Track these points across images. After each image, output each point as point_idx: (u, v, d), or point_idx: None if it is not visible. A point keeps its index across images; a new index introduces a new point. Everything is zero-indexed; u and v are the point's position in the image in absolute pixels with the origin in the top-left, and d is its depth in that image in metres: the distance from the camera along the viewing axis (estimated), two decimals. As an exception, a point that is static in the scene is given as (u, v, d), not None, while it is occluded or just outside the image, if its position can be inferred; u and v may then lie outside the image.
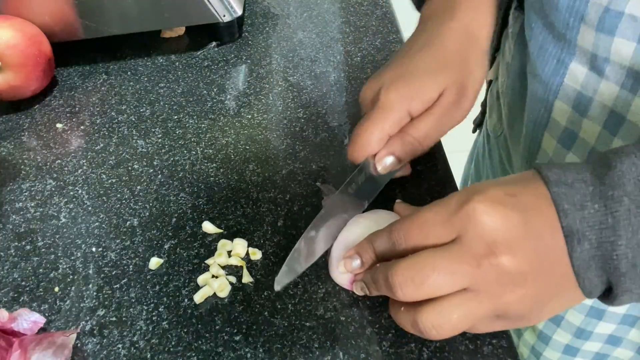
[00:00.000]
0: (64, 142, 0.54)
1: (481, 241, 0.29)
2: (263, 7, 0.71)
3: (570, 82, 0.42)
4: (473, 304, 0.30)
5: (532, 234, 0.29)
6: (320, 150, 0.51)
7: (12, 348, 0.36)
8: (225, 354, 0.37)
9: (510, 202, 0.29)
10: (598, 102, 0.41)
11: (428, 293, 0.30)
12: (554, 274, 0.29)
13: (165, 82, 0.60)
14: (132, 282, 0.42)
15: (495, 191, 0.30)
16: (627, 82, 0.38)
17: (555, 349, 0.57)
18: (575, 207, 0.28)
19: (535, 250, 0.29)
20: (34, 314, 0.39)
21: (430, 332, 0.30)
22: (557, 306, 0.31)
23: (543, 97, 0.45)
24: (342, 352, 0.37)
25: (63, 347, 0.37)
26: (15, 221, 0.47)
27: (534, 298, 0.30)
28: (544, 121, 0.46)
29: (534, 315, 0.31)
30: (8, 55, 0.54)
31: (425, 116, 0.41)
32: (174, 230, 0.45)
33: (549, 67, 0.43)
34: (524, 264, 0.29)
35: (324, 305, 0.39)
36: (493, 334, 0.37)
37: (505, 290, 0.29)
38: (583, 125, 0.43)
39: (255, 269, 0.42)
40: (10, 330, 0.38)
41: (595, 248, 0.28)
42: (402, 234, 0.32)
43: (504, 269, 0.29)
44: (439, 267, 0.29)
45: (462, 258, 0.29)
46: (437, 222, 0.31)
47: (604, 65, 0.39)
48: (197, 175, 0.50)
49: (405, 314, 0.31)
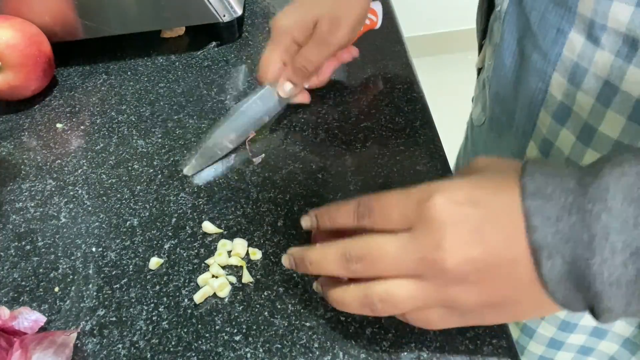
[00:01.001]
0: (64, 142, 0.54)
1: (429, 237, 0.30)
2: (263, 7, 0.71)
3: (568, 53, 0.43)
4: (418, 289, 0.31)
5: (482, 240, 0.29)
6: (320, 150, 0.51)
7: (13, 348, 0.36)
8: (225, 354, 0.37)
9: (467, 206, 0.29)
10: (592, 74, 0.42)
11: (377, 272, 0.31)
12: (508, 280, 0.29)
13: (165, 82, 0.60)
14: (132, 282, 0.42)
15: (460, 192, 0.30)
16: (622, 50, 0.39)
17: (539, 342, 0.57)
18: (549, 221, 0.27)
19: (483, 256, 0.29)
20: (35, 312, 0.39)
21: (377, 305, 0.32)
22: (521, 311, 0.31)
23: (541, 69, 0.46)
24: (342, 352, 0.37)
25: (64, 346, 0.37)
26: (15, 221, 0.47)
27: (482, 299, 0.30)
28: (540, 96, 0.47)
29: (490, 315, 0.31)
30: (8, 55, 0.54)
31: (307, 44, 0.49)
32: (174, 230, 0.45)
33: (549, 37, 0.44)
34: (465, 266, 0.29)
35: (324, 305, 0.39)
36: (493, 334, 0.37)
37: (448, 286, 0.30)
38: (577, 98, 0.44)
39: (255, 269, 0.42)
40: (11, 328, 0.38)
41: (568, 263, 0.27)
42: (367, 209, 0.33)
43: (444, 267, 0.29)
44: (389, 251, 0.31)
45: (409, 249, 0.30)
46: (397, 209, 0.31)
47: (601, 33, 0.40)
48: (197, 175, 0.50)
49: (355, 289, 0.33)
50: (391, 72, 0.59)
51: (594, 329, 0.53)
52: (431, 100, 0.57)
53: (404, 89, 0.57)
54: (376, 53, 0.62)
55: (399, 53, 0.61)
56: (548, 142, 0.49)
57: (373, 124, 0.53)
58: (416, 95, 0.56)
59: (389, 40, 0.63)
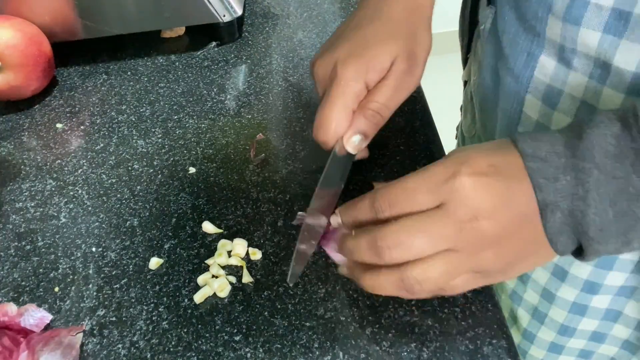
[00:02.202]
0: (64, 142, 0.54)
1: (466, 209, 0.31)
2: (263, 7, 0.71)
3: (540, 75, 0.43)
4: (455, 261, 0.32)
5: (511, 203, 0.31)
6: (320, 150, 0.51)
7: (20, 348, 0.36)
8: (225, 354, 0.37)
9: (493, 172, 0.31)
10: (568, 94, 0.42)
11: (415, 254, 0.32)
12: (528, 237, 0.32)
13: (165, 82, 0.60)
14: (132, 282, 0.42)
15: (481, 161, 0.32)
16: (594, 73, 0.39)
17: (540, 347, 0.57)
18: (548, 181, 0.30)
19: (514, 217, 0.31)
20: (41, 310, 0.39)
21: (414, 287, 0.32)
22: (531, 263, 0.34)
23: (515, 91, 0.46)
24: (342, 352, 0.37)
25: (70, 347, 0.37)
26: (15, 221, 0.47)
27: (508, 256, 0.32)
28: (516, 116, 0.47)
29: (509, 271, 0.34)
30: (8, 55, 0.54)
31: (380, 86, 0.41)
32: (174, 230, 0.45)
33: (520, 60, 0.44)
34: (501, 229, 0.31)
35: (324, 305, 0.39)
36: (493, 334, 0.37)
37: (482, 250, 0.32)
38: (553, 118, 0.44)
39: (255, 269, 0.42)
40: (17, 325, 0.38)
41: (566, 216, 0.30)
42: (386, 200, 0.33)
43: (483, 233, 0.31)
44: (426, 231, 0.31)
45: (447, 223, 0.31)
46: (423, 190, 0.32)
47: (572, 56, 0.40)
48: (197, 175, 0.50)
49: (388, 274, 0.33)
50: (391, 72, 0.59)
51: (593, 333, 0.53)
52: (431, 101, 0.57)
53: (404, 89, 0.56)
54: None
55: (399, 53, 0.61)
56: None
57: (373, 124, 0.53)
58: (416, 95, 0.56)
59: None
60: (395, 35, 0.41)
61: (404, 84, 0.42)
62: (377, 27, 0.42)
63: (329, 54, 0.42)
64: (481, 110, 0.56)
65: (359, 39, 0.41)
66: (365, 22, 0.43)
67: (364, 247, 0.33)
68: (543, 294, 0.53)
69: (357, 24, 0.43)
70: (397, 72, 0.41)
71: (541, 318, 0.55)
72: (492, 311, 0.38)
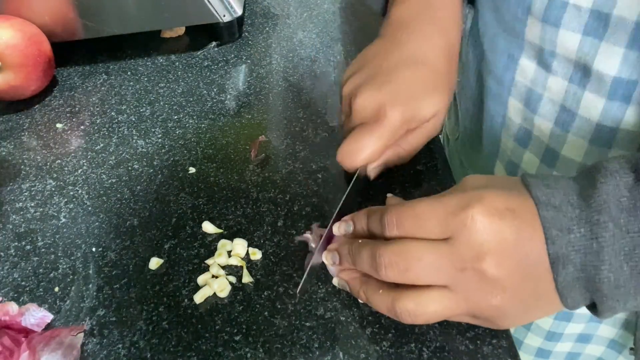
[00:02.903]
0: (64, 142, 0.54)
1: (472, 248, 0.30)
2: (263, 7, 0.71)
3: (520, 78, 0.43)
4: (450, 302, 0.31)
5: (520, 251, 0.30)
6: (320, 150, 0.51)
7: (21, 348, 0.36)
8: (225, 354, 0.37)
9: (508, 215, 0.30)
10: (548, 99, 0.42)
11: (410, 280, 0.31)
12: (535, 289, 0.30)
13: (165, 82, 0.60)
14: (132, 282, 0.42)
15: (496, 203, 0.30)
16: (574, 76, 0.39)
17: (527, 352, 0.57)
18: (562, 232, 0.29)
19: (521, 266, 0.30)
20: (42, 310, 0.39)
21: (406, 317, 0.32)
22: (534, 316, 0.33)
23: (497, 93, 0.46)
24: (342, 352, 0.37)
25: (71, 347, 0.37)
26: (15, 221, 0.47)
27: (509, 308, 0.31)
28: (500, 119, 0.47)
29: (507, 323, 0.32)
30: (8, 55, 0.54)
31: (416, 133, 0.42)
32: (174, 230, 0.45)
33: (501, 62, 0.44)
34: (506, 277, 0.30)
35: (324, 305, 0.39)
36: (493, 334, 0.37)
37: (482, 297, 0.30)
38: (535, 122, 0.44)
39: (255, 269, 0.42)
40: (18, 324, 0.38)
41: (579, 270, 0.29)
42: (394, 219, 0.33)
43: (486, 277, 0.30)
44: (426, 260, 0.30)
45: (450, 258, 0.30)
46: (433, 218, 0.31)
47: (551, 59, 0.40)
48: (197, 175, 0.50)
49: (384, 296, 0.33)
50: (391, 72, 0.59)
51: (579, 335, 0.53)
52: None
53: (404, 89, 0.56)
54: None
55: (399, 53, 0.61)
56: (513, 164, 0.49)
57: (373, 124, 0.53)
58: (416, 95, 0.56)
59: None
60: (439, 88, 0.42)
61: (434, 134, 0.44)
62: (424, 76, 0.42)
63: (375, 91, 0.41)
64: (466, 112, 0.56)
65: (407, 85, 0.41)
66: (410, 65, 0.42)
67: (365, 256, 0.33)
68: None
69: (400, 65, 0.42)
70: (434, 124, 0.42)
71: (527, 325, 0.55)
72: (492, 311, 0.38)
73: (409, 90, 0.41)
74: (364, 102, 0.41)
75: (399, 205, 0.33)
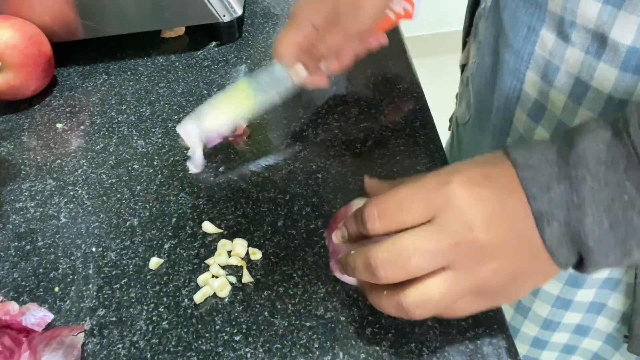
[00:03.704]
0: (64, 142, 0.54)
1: (459, 220, 0.30)
2: (263, 7, 0.71)
3: (540, 50, 0.44)
4: (452, 282, 0.31)
5: (506, 213, 0.30)
6: (320, 150, 0.51)
7: (22, 348, 0.36)
8: (225, 354, 0.37)
9: (486, 183, 0.31)
10: (564, 71, 0.42)
11: (410, 274, 0.31)
12: (527, 250, 0.31)
13: (165, 82, 0.60)
14: (132, 282, 0.42)
15: (472, 172, 0.31)
16: (591, 47, 0.39)
17: (524, 342, 0.57)
18: (542, 190, 0.29)
19: (510, 228, 0.30)
20: (42, 309, 0.39)
21: (415, 311, 0.32)
22: (535, 280, 0.33)
23: (515, 67, 0.46)
24: (342, 352, 0.37)
25: (72, 347, 0.37)
26: (15, 221, 0.47)
27: (509, 272, 0.31)
28: (515, 94, 0.47)
29: (513, 290, 0.33)
30: (8, 55, 0.54)
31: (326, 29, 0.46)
32: (174, 230, 0.45)
33: (520, 35, 0.45)
34: (498, 240, 0.30)
35: (324, 305, 0.39)
36: (493, 334, 0.37)
37: (481, 265, 0.31)
38: (550, 95, 0.44)
39: (255, 269, 0.42)
40: (18, 324, 0.38)
41: (563, 226, 0.29)
42: (375, 210, 0.32)
43: (480, 245, 0.30)
44: (420, 249, 0.30)
45: (441, 237, 0.30)
46: (415, 200, 0.31)
47: (571, 30, 0.40)
48: (197, 175, 0.50)
49: (389, 298, 0.33)
50: (391, 72, 0.59)
51: (576, 326, 0.53)
52: (431, 100, 0.57)
53: (404, 89, 0.57)
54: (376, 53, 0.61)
55: (399, 53, 0.61)
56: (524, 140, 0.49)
57: (373, 124, 0.53)
58: (416, 95, 0.56)
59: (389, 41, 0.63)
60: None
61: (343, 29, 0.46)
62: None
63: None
64: (478, 93, 0.56)
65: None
66: None
67: (360, 267, 0.33)
68: None
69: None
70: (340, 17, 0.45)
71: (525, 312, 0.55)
72: (492, 311, 0.38)
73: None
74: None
75: (379, 196, 0.33)
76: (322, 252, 0.42)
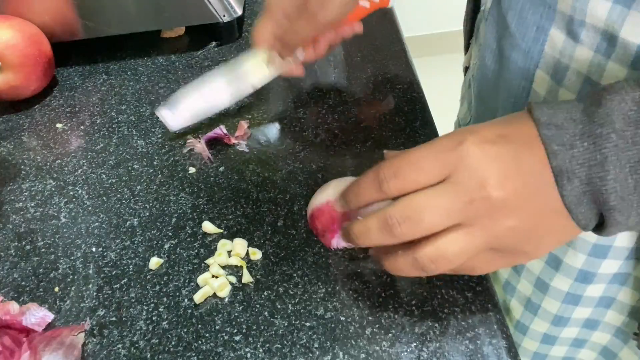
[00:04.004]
0: (64, 142, 0.54)
1: (473, 178, 0.30)
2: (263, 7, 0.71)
3: (549, 50, 0.44)
4: (467, 237, 0.31)
5: (522, 171, 0.30)
6: (320, 150, 0.51)
7: (22, 348, 0.36)
8: (225, 354, 0.37)
9: (501, 141, 0.31)
10: (573, 70, 0.42)
11: (425, 230, 0.31)
12: (545, 208, 0.31)
13: (165, 82, 0.60)
14: (132, 282, 0.42)
15: (488, 132, 0.31)
16: (601, 46, 0.39)
17: (533, 338, 0.57)
18: (564, 147, 0.29)
19: (525, 186, 0.30)
20: (43, 309, 0.39)
21: (430, 266, 0.32)
22: (555, 239, 0.33)
23: (524, 67, 0.46)
24: (342, 352, 0.37)
25: (72, 347, 0.37)
26: (15, 221, 0.47)
27: (525, 230, 0.31)
28: (524, 94, 0.47)
29: (531, 248, 0.33)
30: (8, 55, 0.54)
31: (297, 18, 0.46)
32: (174, 230, 0.45)
33: (529, 35, 0.45)
34: (513, 198, 0.30)
35: (324, 305, 0.39)
36: (493, 334, 0.37)
37: (496, 222, 0.31)
38: (560, 94, 0.44)
39: (255, 269, 0.42)
40: (18, 324, 0.38)
41: (585, 184, 0.29)
42: (391, 170, 0.33)
43: (494, 202, 0.30)
44: (435, 205, 0.31)
45: (455, 195, 0.31)
46: (430, 159, 0.32)
47: (580, 29, 0.40)
48: (197, 175, 0.50)
49: (404, 256, 0.33)
50: (391, 72, 0.59)
51: (586, 320, 0.53)
52: (431, 101, 0.57)
53: (404, 89, 0.57)
54: (376, 53, 0.62)
55: (399, 53, 0.61)
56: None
57: (373, 124, 0.53)
58: (416, 95, 0.56)
59: (389, 40, 0.63)
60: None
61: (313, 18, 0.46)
62: None
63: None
64: (479, 95, 0.56)
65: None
66: None
67: (375, 227, 0.33)
68: (537, 284, 0.53)
69: None
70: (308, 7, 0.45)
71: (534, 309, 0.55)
72: (492, 311, 0.38)
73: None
74: None
75: (393, 157, 0.33)
76: (322, 252, 0.42)
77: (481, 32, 0.55)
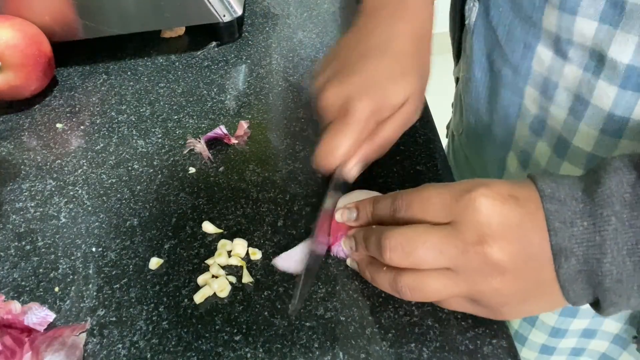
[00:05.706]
0: (64, 142, 0.54)
1: (475, 230, 0.30)
2: (263, 7, 0.71)
3: (537, 67, 0.43)
4: (450, 282, 0.31)
5: (523, 237, 0.30)
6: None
7: (24, 348, 0.36)
8: (225, 354, 0.37)
9: (511, 203, 0.31)
10: (563, 87, 0.42)
11: (413, 263, 0.32)
12: (536, 278, 0.30)
13: (165, 82, 0.60)
14: (132, 282, 0.42)
15: (501, 189, 0.31)
16: (589, 65, 0.39)
17: (531, 349, 0.57)
18: (565, 225, 0.29)
19: (522, 252, 0.30)
20: (44, 309, 0.39)
21: (406, 293, 0.33)
22: (536, 308, 0.33)
23: (514, 82, 0.46)
24: (342, 352, 0.37)
25: (74, 347, 0.37)
26: (15, 221, 0.47)
27: (509, 294, 0.31)
28: (516, 108, 0.47)
29: (507, 311, 0.33)
30: (8, 55, 0.54)
31: (389, 123, 0.41)
32: (174, 230, 0.45)
33: (517, 51, 0.44)
34: (507, 260, 0.30)
35: (324, 305, 0.39)
36: (493, 333, 0.37)
37: (483, 279, 0.31)
38: (550, 111, 0.44)
39: (255, 269, 0.42)
40: (20, 323, 0.38)
41: (581, 263, 0.29)
42: (405, 203, 0.34)
43: (487, 260, 0.30)
44: (429, 243, 0.31)
45: (453, 240, 0.31)
46: (438, 202, 0.32)
47: (567, 47, 0.40)
48: (197, 175, 0.50)
49: (387, 273, 0.34)
50: (391, 72, 0.59)
51: (584, 330, 0.53)
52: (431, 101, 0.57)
53: (404, 89, 0.56)
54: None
55: (399, 53, 0.61)
56: (526, 153, 0.50)
57: (373, 124, 0.53)
58: (416, 95, 0.56)
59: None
60: (407, 73, 0.41)
61: (409, 121, 0.42)
62: (389, 63, 0.41)
63: (339, 85, 0.40)
64: (470, 107, 0.56)
65: (371, 74, 0.40)
66: (374, 54, 0.41)
67: (373, 240, 0.34)
68: None
69: (365, 55, 0.41)
70: (407, 112, 0.41)
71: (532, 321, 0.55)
72: (492, 311, 0.39)
73: (373, 80, 0.40)
74: (328, 98, 0.40)
75: (410, 191, 0.35)
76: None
77: (468, 45, 0.55)
